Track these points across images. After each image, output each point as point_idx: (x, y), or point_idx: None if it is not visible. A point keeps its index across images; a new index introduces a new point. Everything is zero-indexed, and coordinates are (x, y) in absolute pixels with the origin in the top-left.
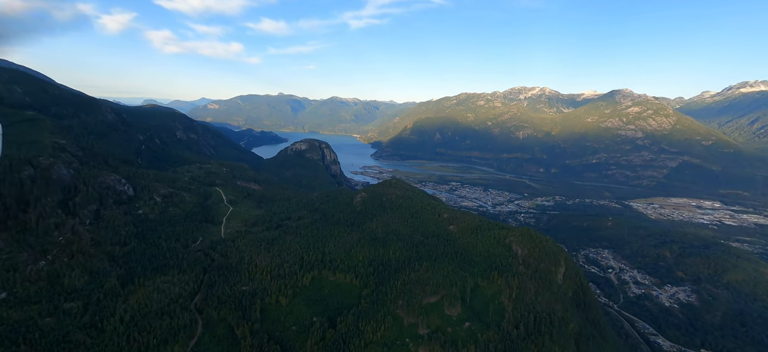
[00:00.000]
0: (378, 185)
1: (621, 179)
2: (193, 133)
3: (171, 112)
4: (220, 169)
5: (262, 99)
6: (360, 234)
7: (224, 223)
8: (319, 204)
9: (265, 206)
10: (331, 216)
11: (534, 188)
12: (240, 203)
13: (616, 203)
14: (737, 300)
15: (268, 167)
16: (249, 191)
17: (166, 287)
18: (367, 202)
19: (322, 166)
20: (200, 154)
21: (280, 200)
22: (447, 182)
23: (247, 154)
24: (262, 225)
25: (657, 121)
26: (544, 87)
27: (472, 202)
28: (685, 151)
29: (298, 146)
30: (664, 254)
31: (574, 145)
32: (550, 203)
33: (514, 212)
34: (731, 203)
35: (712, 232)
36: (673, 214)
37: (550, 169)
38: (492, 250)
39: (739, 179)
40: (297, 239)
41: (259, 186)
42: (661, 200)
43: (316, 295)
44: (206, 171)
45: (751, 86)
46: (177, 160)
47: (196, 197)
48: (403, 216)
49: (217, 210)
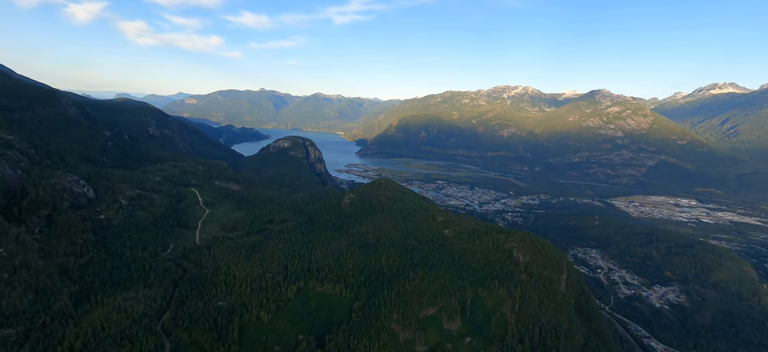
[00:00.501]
0: (367, 186)
1: (602, 178)
2: (167, 129)
3: (143, 107)
4: (197, 168)
5: (243, 94)
6: (349, 239)
7: (200, 227)
8: (304, 206)
9: (245, 208)
10: (318, 219)
11: (519, 186)
12: (218, 204)
13: (598, 202)
14: (725, 300)
15: (249, 166)
16: (228, 192)
17: (128, 306)
18: (356, 204)
19: (307, 165)
20: (175, 151)
21: (262, 202)
22: (433, 181)
23: (226, 152)
24: (242, 229)
25: (635, 120)
26: (526, 86)
27: (459, 200)
28: (662, 151)
29: (281, 144)
30: (651, 253)
31: (556, 144)
32: (536, 201)
33: (501, 211)
34: (706, 201)
35: (692, 230)
36: (653, 212)
37: (534, 168)
38: (491, 256)
39: (712, 178)
40: (281, 244)
41: (239, 186)
42: (640, 199)
43: (302, 309)
44: (181, 170)
45: (720, 88)
46: (148, 159)
47: (168, 198)
48: (394, 219)
49: (192, 213)
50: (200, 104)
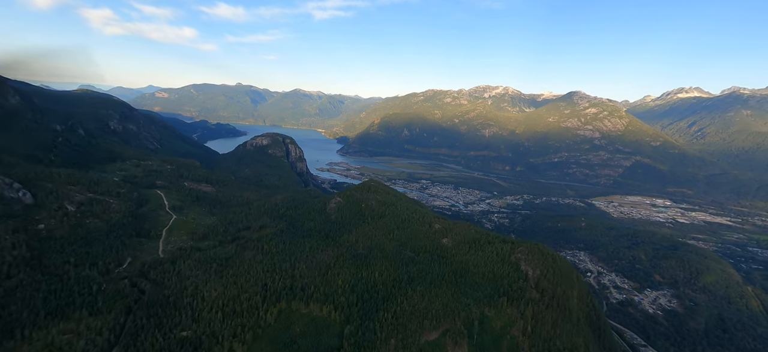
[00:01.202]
0: (355, 189)
1: (581, 177)
2: (132, 123)
3: (105, 99)
4: (164, 167)
5: (219, 89)
6: (337, 250)
7: (164, 236)
8: (285, 210)
9: (218, 213)
10: (301, 225)
11: (502, 186)
12: (187, 209)
13: (580, 202)
14: (715, 304)
15: (224, 165)
16: (199, 194)
17: (64, 342)
18: (344, 209)
19: (287, 164)
20: (140, 148)
21: (238, 205)
22: (417, 180)
23: (199, 149)
24: (214, 238)
25: (612, 122)
26: (507, 87)
27: (444, 201)
28: (637, 152)
29: (259, 141)
30: (639, 256)
31: (537, 144)
32: (520, 201)
33: (486, 212)
34: (679, 201)
35: (670, 230)
36: (632, 212)
37: (516, 168)
38: (497, 269)
39: (683, 178)
40: (259, 256)
41: (212, 187)
42: (619, 199)
43: (284, 336)
44: (145, 169)
45: (687, 92)
46: (107, 157)
47: (128, 203)
48: (387, 227)
49: (156, 220)
50: (172, 98)
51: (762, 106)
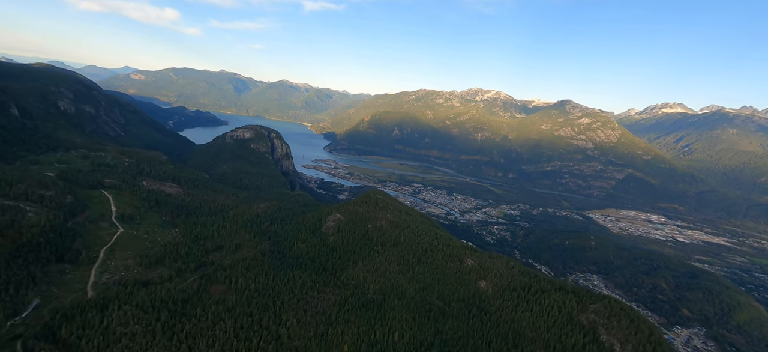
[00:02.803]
0: (358, 203)
1: (573, 188)
2: (89, 104)
3: (57, 73)
4: (119, 160)
5: (200, 74)
6: (339, 293)
7: (100, 261)
8: (269, 223)
9: (183, 224)
10: (289, 248)
11: (496, 193)
12: (141, 218)
13: (577, 215)
14: (754, 347)
15: (197, 158)
16: (160, 197)
17: None
18: (345, 230)
19: (271, 161)
20: (97, 134)
21: (209, 213)
22: (409, 183)
23: (171, 138)
24: (172, 264)
25: (605, 133)
26: (499, 91)
27: (439, 208)
28: (630, 164)
29: (241, 133)
30: (660, 284)
31: (529, 151)
32: (517, 212)
33: (484, 222)
34: (673, 218)
35: (673, 250)
36: (630, 228)
37: (508, 174)
38: (565, 337)
39: (674, 194)
40: (230, 297)
41: (179, 188)
42: (614, 212)
43: None
44: (94, 162)
45: (671, 107)
46: (47, 144)
47: (53, 211)
48: (404, 259)
49: (93, 234)
50: (149, 81)
51: (746, 126)
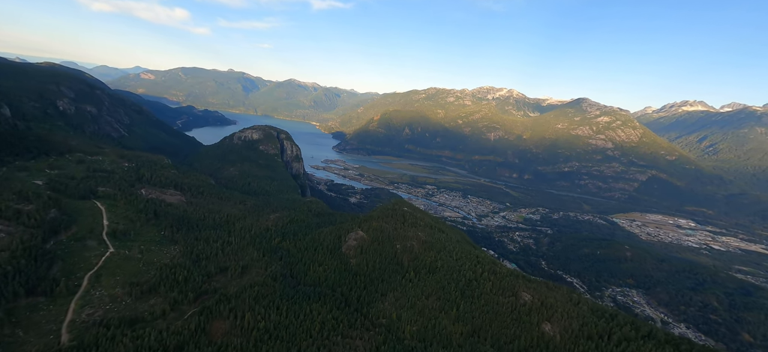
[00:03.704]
0: (382, 216)
1: (593, 190)
2: (91, 104)
3: (58, 71)
4: (118, 164)
5: (209, 74)
6: (369, 336)
7: (83, 290)
8: (281, 238)
9: (184, 240)
10: (305, 270)
11: (513, 196)
12: (136, 233)
13: (600, 219)
14: None
15: (204, 161)
16: (159, 208)
17: None
18: (369, 251)
19: (281, 163)
20: (99, 136)
21: (213, 226)
22: (421, 185)
23: (179, 139)
24: (166, 294)
25: (625, 132)
26: (511, 89)
27: (454, 211)
28: (653, 165)
29: (249, 134)
30: (710, 302)
31: (545, 151)
32: (536, 216)
33: (504, 228)
34: (703, 223)
35: (709, 259)
36: (660, 234)
37: (523, 175)
38: None
39: (701, 197)
40: (237, 338)
41: (181, 196)
42: (639, 216)
43: None
44: (90, 167)
45: (691, 105)
46: (38, 147)
47: (29, 230)
48: (444, 291)
49: (77, 257)
50: (158, 80)
51: None
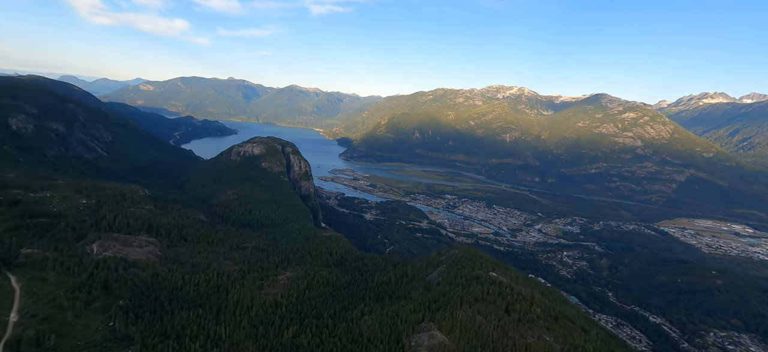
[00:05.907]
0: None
1: (626, 193)
2: (58, 121)
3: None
4: (71, 203)
5: (209, 82)
6: None
7: None
8: (296, 325)
9: (142, 333)
10: None
11: (542, 203)
12: (66, 328)
13: (647, 228)
14: None
15: (197, 181)
16: (113, 275)
17: None
18: None
19: (287, 183)
20: (62, 159)
21: (193, 302)
22: (440, 195)
23: (170, 155)
24: None
25: (655, 129)
26: (522, 87)
27: (483, 226)
28: (690, 164)
29: (249, 149)
30: None
31: (568, 152)
32: (575, 227)
33: (545, 245)
34: (759, 228)
35: None
36: (721, 244)
37: (547, 179)
38: None
39: (750, 197)
40: None
41: (154, 245)
42: (688, 223)
43: None
44: (24, 212)
45: (712, 97)
46: None
47: None
48: None
49: None
50: (157, 91)
51: None
